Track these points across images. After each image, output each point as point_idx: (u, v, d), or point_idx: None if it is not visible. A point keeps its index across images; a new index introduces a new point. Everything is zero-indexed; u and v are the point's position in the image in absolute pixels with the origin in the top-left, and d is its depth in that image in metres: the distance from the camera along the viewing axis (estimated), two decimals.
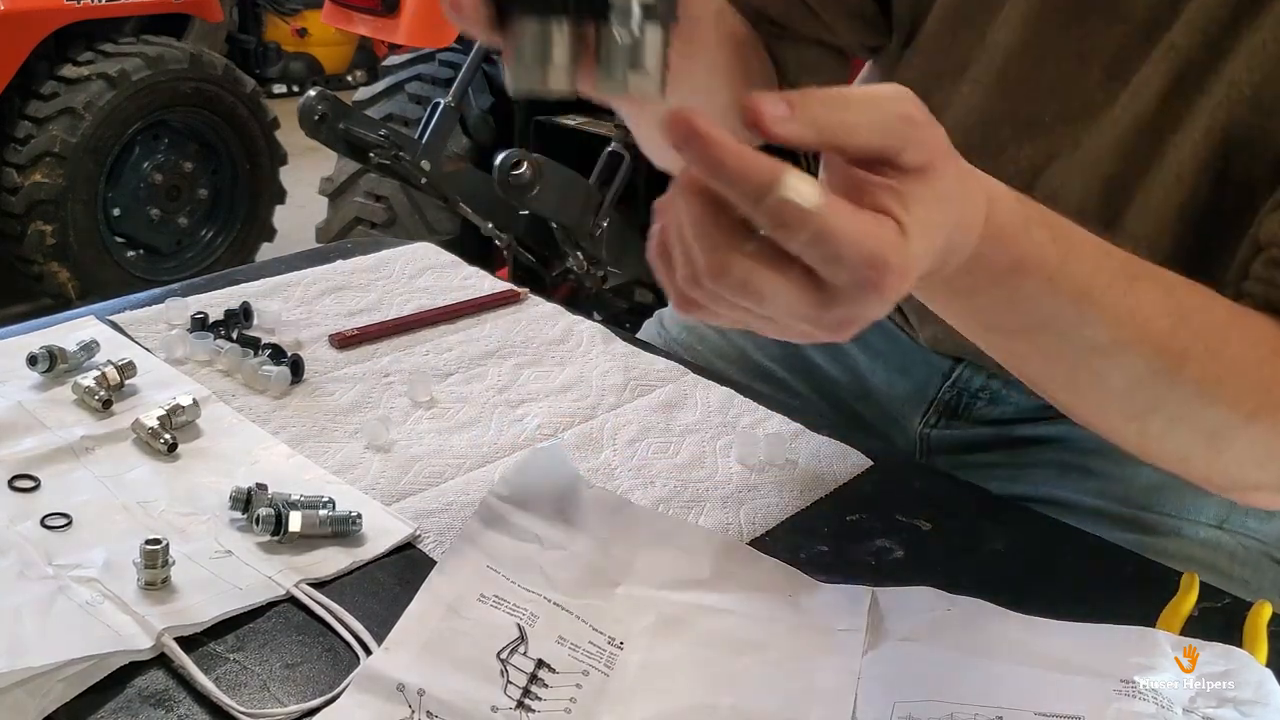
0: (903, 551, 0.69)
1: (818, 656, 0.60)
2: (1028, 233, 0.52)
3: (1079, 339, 0.56)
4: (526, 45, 0.48)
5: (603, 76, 0.48)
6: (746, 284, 0.43)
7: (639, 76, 0.47)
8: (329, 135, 1.91)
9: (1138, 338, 0.56)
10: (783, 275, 0.43)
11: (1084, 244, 0.55)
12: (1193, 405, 0.59)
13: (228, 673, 0.57)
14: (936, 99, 0.77)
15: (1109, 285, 0.55)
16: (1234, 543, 0.80)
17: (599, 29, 0.47)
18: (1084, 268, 0.54)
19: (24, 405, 0.77)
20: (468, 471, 0.75)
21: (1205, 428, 0.61)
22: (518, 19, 0.48)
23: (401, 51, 2.78)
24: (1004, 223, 0.50)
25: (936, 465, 0.87)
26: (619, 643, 0.60)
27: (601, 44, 0.48)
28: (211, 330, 0.90)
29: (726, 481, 0.75)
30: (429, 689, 0.55)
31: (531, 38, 0.47)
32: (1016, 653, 0.59)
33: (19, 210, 2.96)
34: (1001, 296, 0.53)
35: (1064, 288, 0.53)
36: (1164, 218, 0.68)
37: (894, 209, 0.43)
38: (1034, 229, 0.52)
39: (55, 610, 0.58)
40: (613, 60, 0.47)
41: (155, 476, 0.71)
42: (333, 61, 5.50)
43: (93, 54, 3.06)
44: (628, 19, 0.46)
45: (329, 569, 0.64)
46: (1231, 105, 0.63)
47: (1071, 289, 0.53)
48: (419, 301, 0.99)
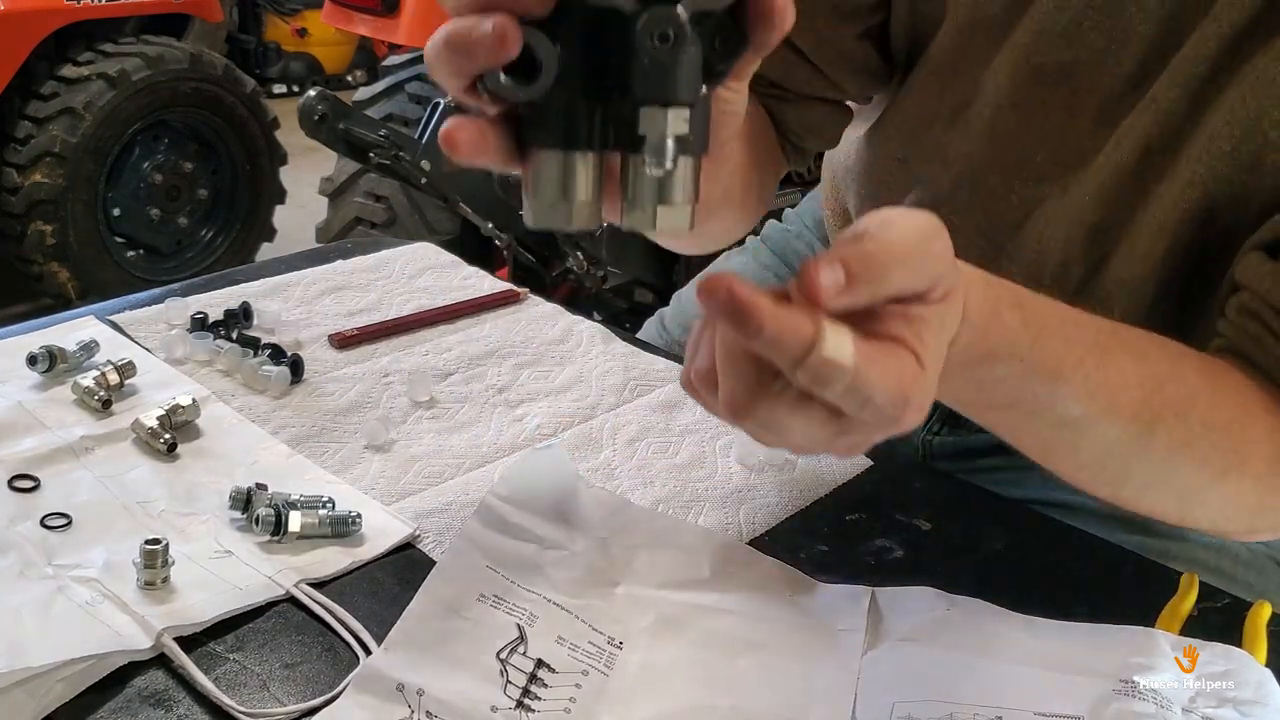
0: (902, 551, 0.69)
1: (817, 656, 0.60)
2: (999, 318, 0.51)
3: (1051, 415, 0.55)
4: (546, 180, 0.42)
5: (629, 209, 0.43)
6: (769, 424, 0.43)
7: (668, 210, 0.43)
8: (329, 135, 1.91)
9: (1109, 410, 0.55)
10: (806, 415, 0.43)
11: (1054, 320, 0.54)
12: (1163, 469, 0.60)
13: (227, 672, 0.57)
14: (927, 141, 0.77)
15: (1080, 361, 0.54)
16: (1239, 546, 0.80)
17: (626, 159, 0.43)
18: (1055, 347, 0.53)
19: (24, 405, 0.77)
20: (467, 471, 0.75)
21: (1176, 488, 0.61)
22: (537, 152, 0.42)
23: (401, 51, 2.78)
24: (976, 311, 0.49)
25: (941, 463, 0.87)
26: (618, 643, 0.60)
27: (628, 175, 0.43)
28: (211, 330, 0.90)
29: (726, 481, 0.75)
30: (428, 689, 0.55)
31: (552, 172, 0.42)
32: (1016, 653, 0.59)
33: (19, 210, 2.96)
34: (972, 380, 0.52)
35: (1037, 370, 0.52)
36: (1148, 264, 0.68)
37: (910, 340, 0.42)
38: (1005, 312, 0.51)
39: (55, 610, 0.58)
40: (641, 194, 0.43)
41: (155, 476, 0.71)
42: (333, 61, 5.50)
43: (93, 54, 3.06)
44: (661, 154, 0.41)
45: (329, 569, 0.64)
46: (1213, 160, 0.63)
47: (1044, 370, 0.53)
48: (419, 301, 0.99)
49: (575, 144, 0.42)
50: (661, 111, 0.40)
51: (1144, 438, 0.57)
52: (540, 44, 0.40)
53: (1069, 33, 0.67)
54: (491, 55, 0.40)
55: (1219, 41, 0.62)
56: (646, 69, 0.39)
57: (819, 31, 0.75)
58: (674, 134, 0.41)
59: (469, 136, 0.43)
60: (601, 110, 0.42)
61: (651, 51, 0.39)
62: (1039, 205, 0.72)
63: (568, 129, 0.42)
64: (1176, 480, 0.61)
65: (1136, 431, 0.57)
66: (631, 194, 0.43)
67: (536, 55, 0.40)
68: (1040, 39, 0.68)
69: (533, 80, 0.40)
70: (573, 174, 0.42)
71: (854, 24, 0.76)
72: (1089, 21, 0.67)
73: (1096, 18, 0.67)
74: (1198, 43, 0.62)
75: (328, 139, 1.93)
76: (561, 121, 0.42)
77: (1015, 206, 0.73)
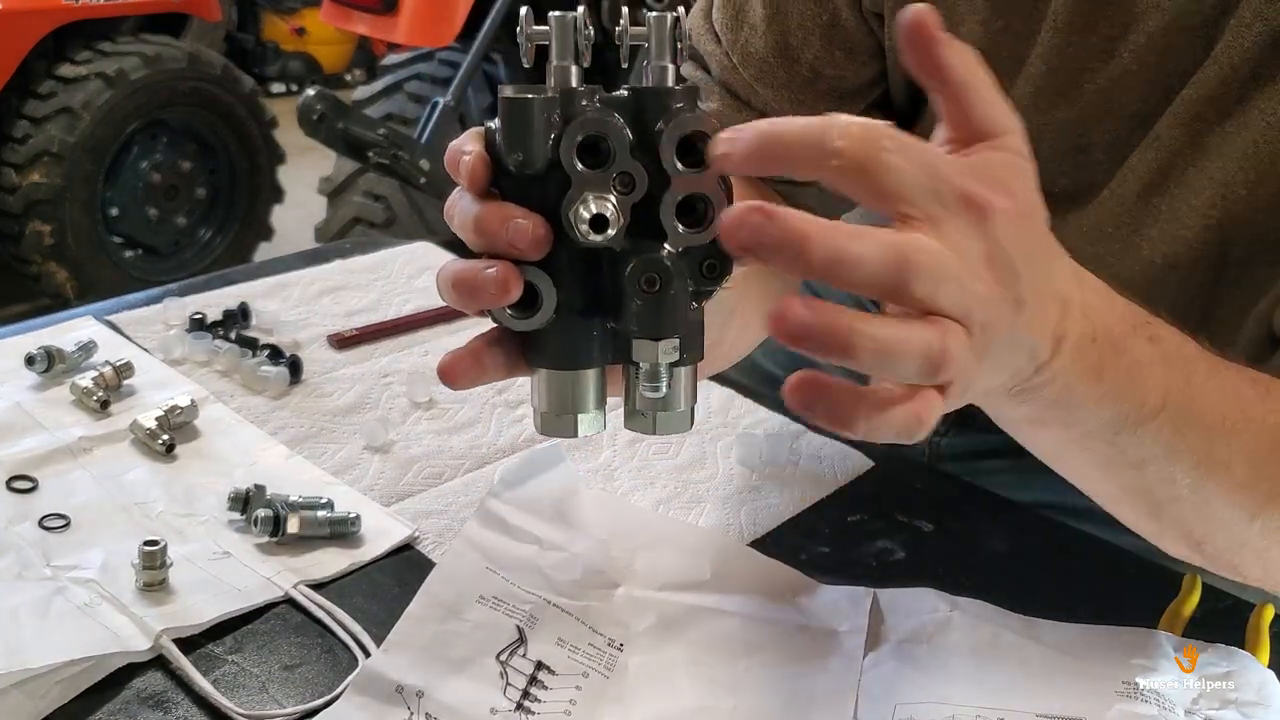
0: (904, 553, 0.69)
1: (819, 658, 0.60)
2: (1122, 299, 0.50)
3: (1196, 420, 0.51)
4: (552, 396, 0.45)
5: (629, 417, 0.46)
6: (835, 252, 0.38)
7: (668, 417, 0.46)
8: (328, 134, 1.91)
9: (1243, 415, 0.52)
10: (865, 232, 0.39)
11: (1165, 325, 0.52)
12: None
13: (226, 674, 0.57)
14: None
15: (1199, 350, 0.52)
16: None
17: (626, 369, 0.46)
18: (1175, 333, 0.51)
19: (22, 406, 0.77)
20: (467, 472, 0.75)
21: None
22: (540, 371, 0.46)
23: (401, 50, 2.78)
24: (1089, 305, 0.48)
25: (947, 464, 0.86)
26: (619, 644, 0.60)
27: (629, 385, 0.46)
28: (210, 330, 0.89)
29: (727, 482, 0.75)
30: (428, 690, 0.54)
31: (556, 389, 0.45)
32: (1017, 654, 0.59)
33: (17, 210, 2.96)
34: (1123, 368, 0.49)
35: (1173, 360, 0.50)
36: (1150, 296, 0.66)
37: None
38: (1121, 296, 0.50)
39: (53, 611, 0.58)
40: (641, 404, 0.45)
41: (153, 477, 0.71)
42: (331, 60, 5.50)
43: (91, 53, 3.06)
44: (656, 379, 0.44)
45: (328, 570, 0.64)
46: (1226, 205, 0.63)
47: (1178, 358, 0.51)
48: (418, 302, 0.99)
49: (576, 363, 0.45)
50: (652, 344, 0.43)
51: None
52: (541, 282, 0.43)
53: (1067, 92, 0.67)
54: (495, 299, 0.43)
55: (1220, 82, 0.61)
56: (637, 310, 0.42)
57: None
58: (665, 362, 0.43)
59: (465, 368, 0.47)
60: (600, 327, 0.45)
61: (640, 295, 0.42)
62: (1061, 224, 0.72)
63: (569, 351, 0.45)
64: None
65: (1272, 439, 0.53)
66: (632, 404, 0.46)
67: (538, 291, 0.43)
68: (1038, 100, 0.68)
69: (534, 312, 0.44)
70: (575, 389, 0.45)
71: (853, 101, 0.76)
72: (1088, 81, 0.66)
73: (1095, 78, 0.65)
74: (1201, 83, 0.62)
75: (326, 138, 1.93)
76: (563, 344, 0.45)
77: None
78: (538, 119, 0.42)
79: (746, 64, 0.75)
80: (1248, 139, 0.62)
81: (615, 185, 0.42)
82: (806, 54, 0.73)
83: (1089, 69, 0.65)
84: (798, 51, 0.73)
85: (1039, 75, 0.67)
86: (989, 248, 0.40)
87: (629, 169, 0.42)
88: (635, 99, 0.43)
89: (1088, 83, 0.66)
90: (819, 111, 0.54)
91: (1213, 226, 0.63)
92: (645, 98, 0.43)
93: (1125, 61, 0.64)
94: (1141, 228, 0.66)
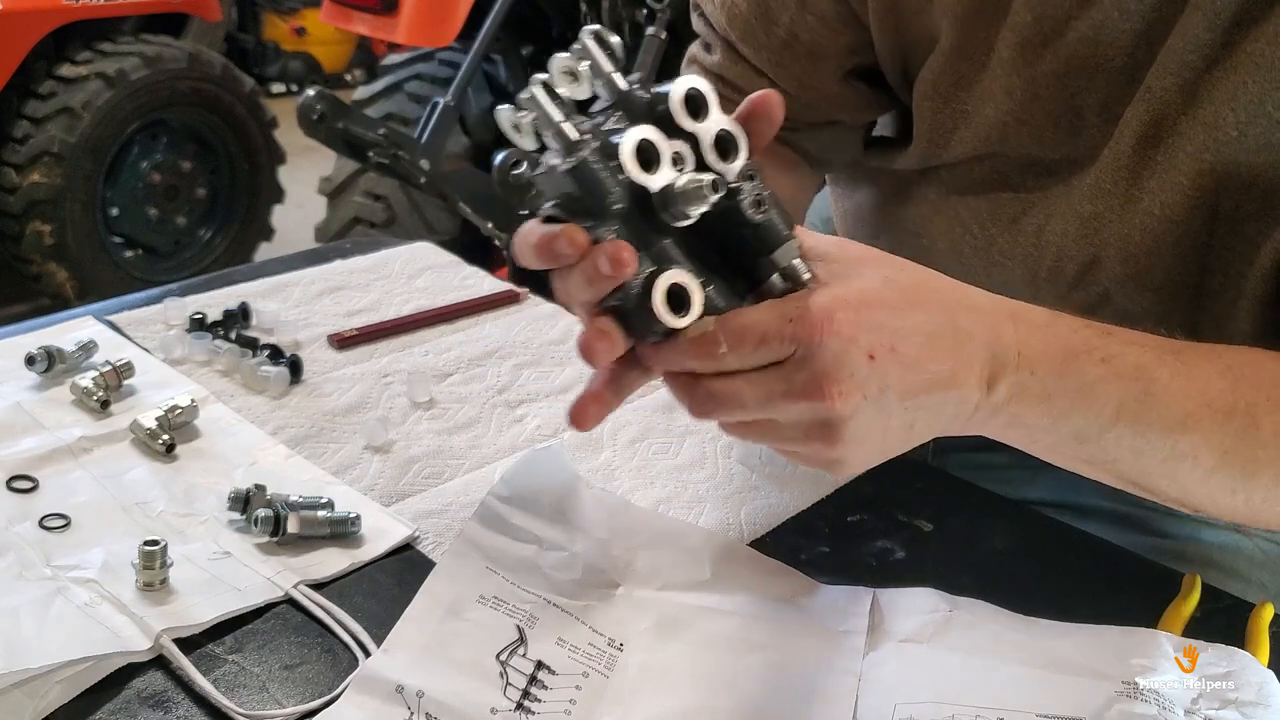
0: (904, 552, 0.69)
1: (819, 658, 0.60)
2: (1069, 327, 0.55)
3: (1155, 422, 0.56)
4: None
5: None
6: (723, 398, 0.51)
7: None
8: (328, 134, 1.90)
9: (1207, 408, 0.56)
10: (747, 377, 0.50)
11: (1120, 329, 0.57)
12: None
13: (226, 674, 0.57)
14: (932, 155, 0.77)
15: (1159, 359, 0.56)
16: (1252, 546, 0.80)
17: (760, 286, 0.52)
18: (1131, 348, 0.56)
19: (22, 406, 0.77)
20: (467, 472, 0.75)
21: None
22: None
23: (401, 50, 2.78)
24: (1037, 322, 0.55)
25: (949, 467, 0.86)
26: (619, 644, 0.60)
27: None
28: (210, 330, 0.89)
29: (727, 482, 0.75)
30: (428, 690, 0.54)
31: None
32: (1017, 654, 0.59)
33: (17, 210, 2.96)
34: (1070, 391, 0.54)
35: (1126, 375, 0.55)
36: (1146, 258, 0.68)
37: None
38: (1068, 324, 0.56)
39: (53, 611, 0.58)
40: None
41: (153, 477, 0.71)
42: (332, 60, 5.50)
43: (91, 53, 3.06)
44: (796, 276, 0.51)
45: (328, 570, 0.64)
46: (1218, 147, 0.64)
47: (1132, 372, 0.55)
48: (418, 302, 0.99)
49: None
50: (790, 242, 0.51)
51: (1250, 430, 0.57)
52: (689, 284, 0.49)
53: (1052, 41, 0.67)
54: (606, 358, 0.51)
55: (1208, 28, 0.62)
56: (763, 228, 0.50)
57: (799, 77, 0.77)
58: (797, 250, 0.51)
59: (605, 346, 0.50)
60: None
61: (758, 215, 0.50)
62: (1041, 199, 0.72)
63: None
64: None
65: (1240, 424, 0.57)
66: None
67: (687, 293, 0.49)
68: (1025, 52, 0.68)
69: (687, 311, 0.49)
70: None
71: (830, 66, 0.77)
72: (1071, 29, 0.66)
73: (1078, 25, 0.66)
74: (1184, 31, 0.63)
75: (326, 138, 1.92)
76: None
77: (1017, 199, 0.73)
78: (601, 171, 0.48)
79: (732, 24, 0.78)
80: (1236, 81, 0.62)
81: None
82: (783, 17, 0.76)
83: (1072, 17, 0.66)
84: (776, 14, 0.76)
85: (1024, 25, 0.68)
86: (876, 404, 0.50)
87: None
88: None
89: (1071, 31, 0.66)
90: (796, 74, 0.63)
91: (1206, 172, 0.64)
92: None
93: (1105, 7, 0.65)
94: (1140, 180, 0.67)
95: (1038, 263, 0.73)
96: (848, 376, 0.48)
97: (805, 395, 0.49)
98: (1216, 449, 0.57)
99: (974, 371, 0.52)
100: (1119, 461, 0.57)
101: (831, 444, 0.51)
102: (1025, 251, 0.73)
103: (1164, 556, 0.73)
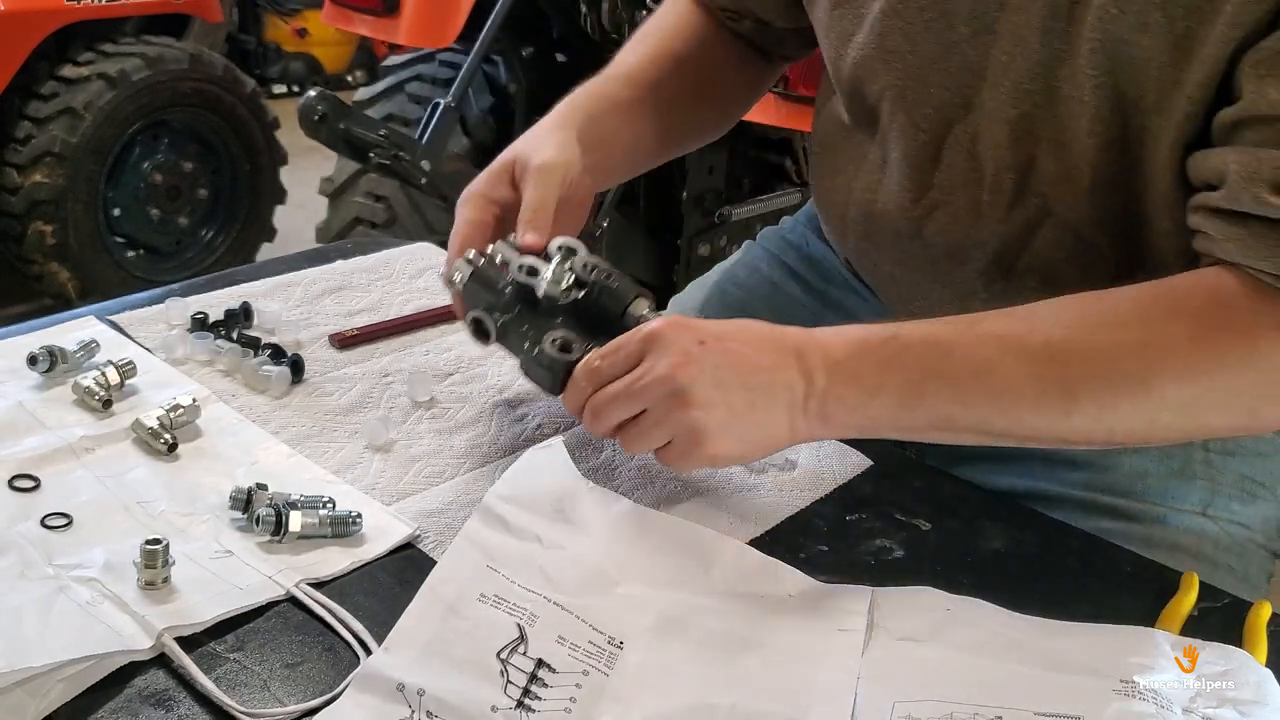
0: (902, 551, 0.70)
1: (818, 656, 0.60)
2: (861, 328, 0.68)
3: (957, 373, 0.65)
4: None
5: None
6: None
7: None
8: (329, 135, 1.91)
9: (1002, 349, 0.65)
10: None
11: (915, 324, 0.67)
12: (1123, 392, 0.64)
13: (228, 672, 0.57)
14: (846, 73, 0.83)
15: (947, 324, 0.67)
16: (1217, 529, 0.80)
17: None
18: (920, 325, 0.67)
19: (24, 405, 0.77)
20: (468, 471, 0.76)
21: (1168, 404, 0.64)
22: None
23: (401, 51, 2.77)
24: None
25: (929, 457, 0.87)
26: (619, 642, 0.60)
27: None
28: (211, 330, 0.90)
29: (726, 481, 0.76)
30: (429, 689, 0.55)
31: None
32: (1016, 653, 0.59)
33: (19, 210, 2.96)
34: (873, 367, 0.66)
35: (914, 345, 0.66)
36: (1076, 150, 0.71)
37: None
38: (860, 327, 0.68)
39: (55, 610, 0.58)
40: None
41: (155, 476, 0.71)
42: (333, 61, 5.49)
43: (93, 54, 3.05)
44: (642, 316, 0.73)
45: (329, 569, 0.64)
46: (1107, 25, 0.66)
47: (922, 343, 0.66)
48: (419, 302, 0.99)
49: None
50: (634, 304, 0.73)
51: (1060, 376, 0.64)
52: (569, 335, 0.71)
53: None
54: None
55: None
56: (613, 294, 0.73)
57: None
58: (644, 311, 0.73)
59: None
60: None
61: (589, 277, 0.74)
62: (957, 119, 0.76)
63: None
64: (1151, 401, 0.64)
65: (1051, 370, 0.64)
66: None
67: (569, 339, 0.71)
68: None
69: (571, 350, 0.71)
70: None
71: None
72: None
73: None
74: None
75: (328, 139, 1.92)
76: None
77: (935, 122, 0.77)
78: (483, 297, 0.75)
79: None
80: None
81: None
82: None
83: None
84: None
85: None
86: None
87: None
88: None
89: None
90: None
91: (1098, 50, 0.67)
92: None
93: None
94: (1055, 67, 0.70)
95: (980, 175, 0.75)
96: (683, 353, 0.64)
97: (656, 376, 0.64)
98: (1029, 378, 0.64)
99: (791, 365, 0.66)
100: (955, 417, 0.66)
101: (686, 408, 0.64)
102: (963, 166, 0.76)
103: (1132, 542, 0.73)
